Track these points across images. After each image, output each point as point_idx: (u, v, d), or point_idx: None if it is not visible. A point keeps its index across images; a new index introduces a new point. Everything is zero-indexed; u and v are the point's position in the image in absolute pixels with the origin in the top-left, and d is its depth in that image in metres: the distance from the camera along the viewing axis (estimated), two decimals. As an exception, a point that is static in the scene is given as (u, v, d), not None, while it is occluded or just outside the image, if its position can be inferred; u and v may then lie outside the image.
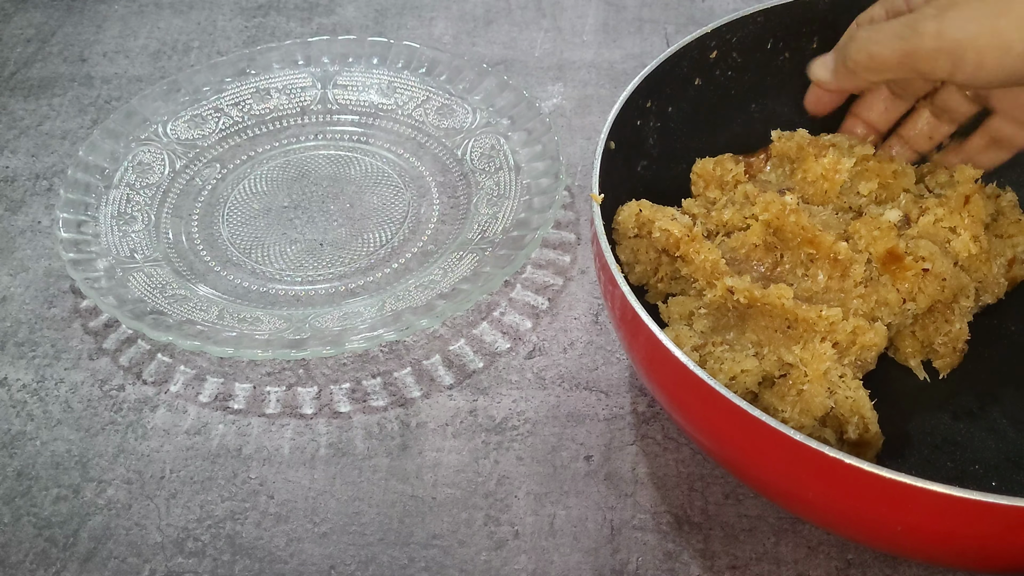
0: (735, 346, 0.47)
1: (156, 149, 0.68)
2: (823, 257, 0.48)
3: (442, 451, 0.52)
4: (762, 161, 0.54)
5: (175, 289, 0.59)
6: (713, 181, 0.54)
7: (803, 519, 0.48)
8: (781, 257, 0.50)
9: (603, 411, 0.53)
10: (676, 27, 0.79)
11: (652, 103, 0.54)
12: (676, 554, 0.47)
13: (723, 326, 0.49)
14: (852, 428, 0.45)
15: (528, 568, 0.47)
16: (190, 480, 0.51)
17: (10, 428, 0.54)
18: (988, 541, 0.38)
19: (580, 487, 0.50)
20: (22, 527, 0.49)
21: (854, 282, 0.48)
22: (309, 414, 0.54)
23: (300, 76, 0.72)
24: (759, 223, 0.49)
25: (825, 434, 0.46)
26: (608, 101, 0.71)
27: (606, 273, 0.45)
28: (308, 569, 0.47)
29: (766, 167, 0.54)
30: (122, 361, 0.57)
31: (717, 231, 0.51)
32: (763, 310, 0.47)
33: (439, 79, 0.71)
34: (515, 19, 0.80)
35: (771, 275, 0.50)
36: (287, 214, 0.65)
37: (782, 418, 0.45)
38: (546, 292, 0.60)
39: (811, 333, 0.46)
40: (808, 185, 0.52)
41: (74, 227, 0.61)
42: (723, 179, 0.54)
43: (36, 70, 0.77)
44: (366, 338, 0.54)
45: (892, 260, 0.48)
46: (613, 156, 0.51)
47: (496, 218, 0.62)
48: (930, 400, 0.51)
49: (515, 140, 0.67)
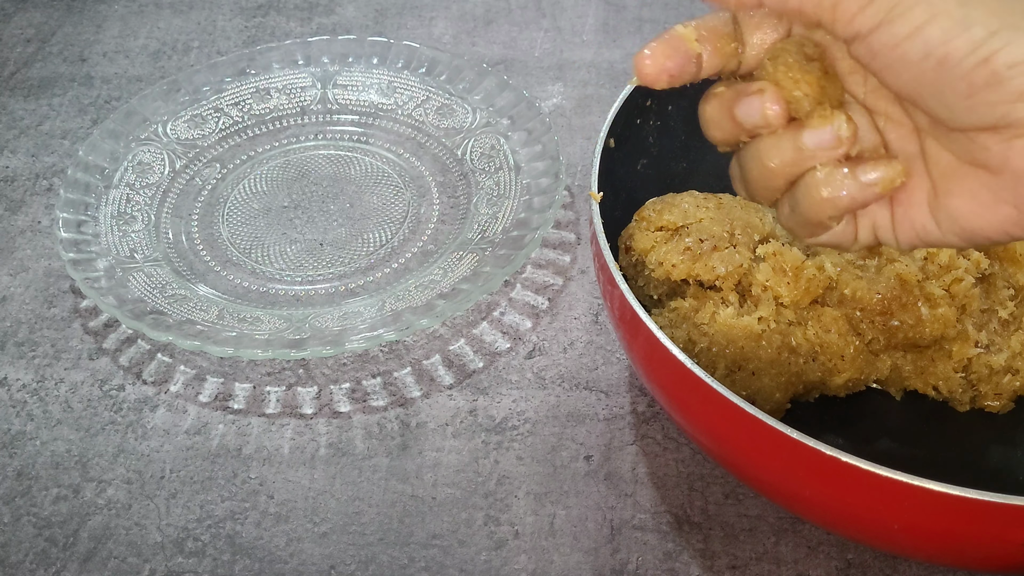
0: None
1: (156, 149, 0.68)
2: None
3: (442, 451, 0.52)
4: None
5: (175, 289, 0.59)
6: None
7: (803, 519, 0.48)
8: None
9: (603, 411, 0.53)
10: (676, 27, 0.79)
11: (652, 102, 0.54)
12: (676, 554, 0.47)
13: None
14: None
15: (528, 568, 0.47)
16: (190, 480, 0.51)
17: (10, 428, 0.54)
18: (987, 540, 0.38)
19: (580, 487, 0.50)
20: (22, 527, 0.49)
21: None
22: (309, 414, 0.54)
23: (300, 76, 0.72)
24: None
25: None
26: (608, 101, 0.71)
27: (605, 273, 0.45)
28: (308, 569, 0.47)
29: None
30: (122, 361, 0.57)
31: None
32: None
33: (439, 79, 0.71)
34: (515, 19, 0.80)
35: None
36: (287, 214, 0.65)
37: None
38: (546, 292, 0.60)
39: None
40: None
41: (74, 227, 0.61)
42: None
43: (36, 70, 0.77)
44: (366, 338, 0.54)
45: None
46: (613, 155, 0.51)
47: (496, 218, 0.62)
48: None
49: (515, 140, 0.67)
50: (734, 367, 0.48)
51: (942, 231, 0.33)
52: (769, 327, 0.48)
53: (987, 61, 0.29)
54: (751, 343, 0.47)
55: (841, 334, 0.48)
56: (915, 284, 0.48)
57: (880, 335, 0.48)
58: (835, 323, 0.48)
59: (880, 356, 0.49)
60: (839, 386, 0.49)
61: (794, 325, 0.48)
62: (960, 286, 0.49)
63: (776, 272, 0.48)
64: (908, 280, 0.48)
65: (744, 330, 0.47)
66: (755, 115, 0.33)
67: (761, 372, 0.47)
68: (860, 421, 0.51)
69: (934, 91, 0.30)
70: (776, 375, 0.48)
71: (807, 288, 0.48)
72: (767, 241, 0.50)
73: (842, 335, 0.48)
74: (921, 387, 0.50)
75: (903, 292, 0.48)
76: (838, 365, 0.48)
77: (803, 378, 0.48)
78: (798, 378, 0.48)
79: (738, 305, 0.49)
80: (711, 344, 0.48)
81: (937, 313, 0.48)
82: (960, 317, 0.49)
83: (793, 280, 0.48)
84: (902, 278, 0.48)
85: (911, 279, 0.48)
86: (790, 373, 0.48)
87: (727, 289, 0.49)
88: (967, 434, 0.50)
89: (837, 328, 0.48)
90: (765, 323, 0.48)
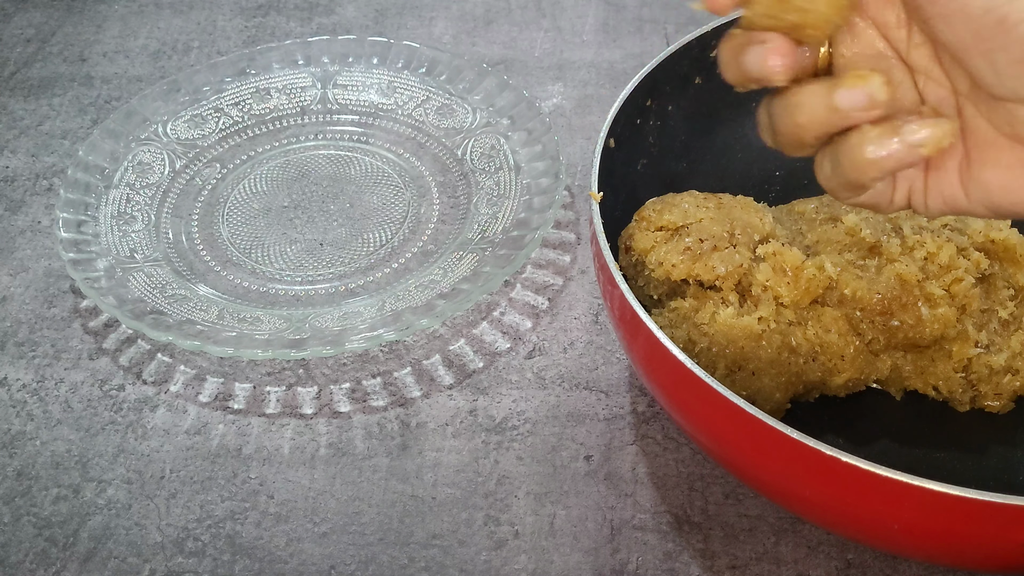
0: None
1: (156, 149, 0.68)
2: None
3: (442, 451, 0.52)
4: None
5: (175, 289, 0.59)
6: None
7: (803, 519, 0.48)
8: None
9: (603, 411, 0.53)
10: (676, 26, 0.79)
11: (652, 102, 0.54)
12: (676, 554, 0.47)
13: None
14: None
15: (528, 568, 0.47)
16: (190, 480, 0.51)
17: (10, 428, 0.54)
18: (987, 540, 0.38)
19: (580, 487, 0.50)
20: (22, 527, 0.49)
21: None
22: (309, 414, 0.54)
23: (300, 76, 0.72)
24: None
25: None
26: (608, 101, 0.71)
27: (605, 273, 0.45)
28: (308, 569, 0.47)
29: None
30: (122, 361, 0.57)
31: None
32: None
33: (439, 79, 0.71)
34: (515, 19, 0.80)
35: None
36: (287, 214, 0.65)
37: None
38: (546, 292, 0.60)
39: None
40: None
41: (74, 227, 0.61)
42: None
43: (36, 70, 0.77)
44: (366, 338, 0.54)
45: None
46: (613, 155, 0.51)
47: (496, 218, 0.62)
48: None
49: (515, 140, 0.67)
50: (734, 367, 0.48)
51: (970, 201, 0.32)
52: (769, 327, 0.48)
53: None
54: (751, 343, 0.47)
55: (841, 334, 0.48)
56: (915, 284, 0.48)
57: (880, 335, 0.48)
58: (835, 323, 0.48)
59: (880, 356, 0.49)
60: (839, 386, 0.49)
61: (794, 325, 0.48)
62: (960, 286, 0.48)
63: (776, 272, 0.48)
64: (908, 280, 0.48)
65: (744, 330, 0.47)
66: (756, 66, 0.32)
67: (761, 372, 0.47)
68: (860, 421, 0.51)
69: (987, 51, 0.29)
70: (776, 375, 0.48)
71: (807, 288, 0.48)
72: (767, 241, 0.50)
73: (842, 335, 0.48)
74: (921, 387, 0.50)
75: (903, 292, 0.48)
76: (838, 365, 0.48)
77: (803, 378, 0.48)
78: (798, 378, 0.48)
79: (738, 305, 0.49)
80: (711, 344, 0.48)
81: (937, 313, 0.48)
82: (960, 317, 0.49)
83: (793, 280, 0.48)
84: (902, 278, 0.48)
85: (911, 279, 0.48)
86: (790, 373, 0.48)
87: (727, 289, 0.49)
88: (967, 434, 0.50)
89: (837, 328, 0.48)
90: (765, 323, 0.48)
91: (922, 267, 0.49)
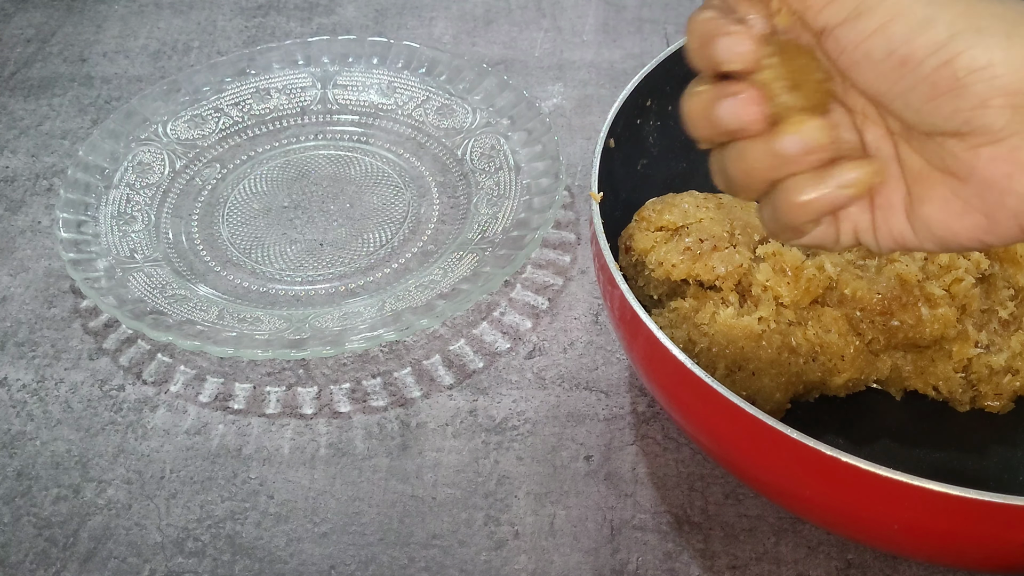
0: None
1: (156, 149, 0.68)
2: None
3: (442, 451, 0.52)
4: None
5: (175, 289, 0.59)
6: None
7: (803, 519, 0.48)
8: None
9: (603, 411, 0.53)
10: (676, 27, 0.79)
11: (652, 102, 0.54)
12: (676, 554, 0.47)
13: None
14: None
15: (528, 568, 0.47)
16: (190, 480, 0.51)
17: (10, 428, 0.54)
18: (987, 540, 0.38)
19: (580, 487, 0.50)
20: (22, 527, 0.49)
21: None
22: (309, 414, 0.54)
23: (300, 76, 0.72)
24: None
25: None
26: (608, 101, 0.71)
27: (605, 273, 0.45)
28: (308, 569, 0.47)
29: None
30: (122, 361, 0.57)
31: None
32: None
33: (439, 79, 0.71)
34: (515, 19, 0.80)
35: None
36: (287, 214, 0.65)
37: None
38: (546, 292, 0.60)
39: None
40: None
41: (74, 227, 0.61)
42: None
43: (36, 70, 0.77)
44: (366, 338, 0.54)
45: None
46: (613, 155, 0.51)
47: (496, 218, 0.62)
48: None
49: (515, 140, 0.67)
50: (734, 367, 0.48)
51: (918, 238, 0.32)
52: (769, 327, 0.48)
53: (948, 64, 0.28)
54: (751, 343, 0.47)
55: (841, 334, 0.48)
56: (915, 284, 0.48)
57: (880, 335, 0.48)
58: (835, 323, 0.48)
59: (880, 356, 0.49)
60: (839, 386, 0.49)
61: (794, 325, 0.48)
62: (960, 286, 0.48)
63: (776, 272, 0.48)
64: (908, 280, 0.48)
65: (744, 330, 0.47)
66: (733, 118, 0.32)
67: (761, 372, 0.47)
68: (860, 421, 0.51)
69: (899, 92, 0.30)
70: (776, 375, 0.48)
71: (807, 288, 0.48)
72: (767, 241, 0.50)
73: (842, 335, 0.48)
74: (921, 387, 0.50)
75: (903, 292, 0.48)
76: (838, 365, 0.48)
77: (803, 378, 0.48)
78: (798, 378, 0.48)
79: (738, 305, 0.49)
80: (711, 344, 0.48)
81: (937, 313, 0.48)
82: (960, 317, 0.49)
83: (793, 280, 0.48)
84: (902, 278, 0.48)
85: (911, 279, 0.48)
86: (790, 373, 0.48)
87: (727, 289, 0.49)
88: (967, 434, 0.50)
89: (837, 328, 0.48)
90: (765, 323, 0.48)
91: (922, 267, 0.49)
